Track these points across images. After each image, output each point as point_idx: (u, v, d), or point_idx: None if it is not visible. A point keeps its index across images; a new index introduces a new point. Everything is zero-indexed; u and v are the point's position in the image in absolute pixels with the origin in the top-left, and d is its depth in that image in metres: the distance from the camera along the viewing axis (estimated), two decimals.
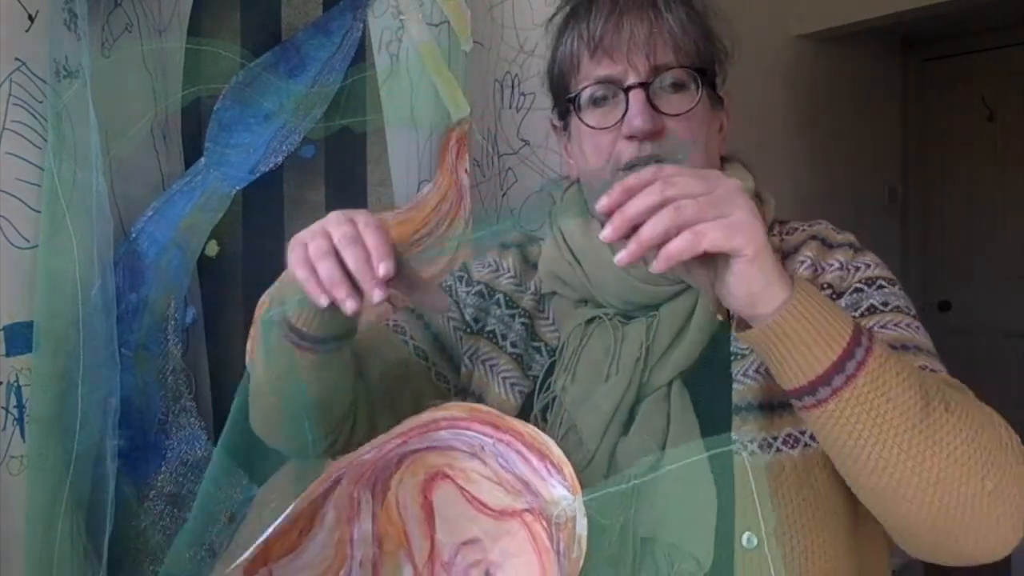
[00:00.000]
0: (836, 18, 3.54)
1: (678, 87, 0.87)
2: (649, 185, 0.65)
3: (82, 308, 1.09)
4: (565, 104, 0.92)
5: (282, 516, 0.71)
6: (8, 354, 1.06)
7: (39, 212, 1.08)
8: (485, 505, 0.73)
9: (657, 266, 0.65)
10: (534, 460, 0.72)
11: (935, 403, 0.68)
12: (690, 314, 0.86)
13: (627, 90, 0.85)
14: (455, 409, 0.73)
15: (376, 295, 0.69)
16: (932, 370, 0.79)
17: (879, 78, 4.15)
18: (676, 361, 0.84)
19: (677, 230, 0.64)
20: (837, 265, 0.87)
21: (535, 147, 1.54)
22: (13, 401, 1.06)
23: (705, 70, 0.89)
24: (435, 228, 1.35)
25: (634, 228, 0.65)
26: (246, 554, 0.72)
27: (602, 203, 0.66)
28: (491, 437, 0.72)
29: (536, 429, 0.72)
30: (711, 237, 0.64)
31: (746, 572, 0.74)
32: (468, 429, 0.73)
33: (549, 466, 0.71)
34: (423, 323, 0.97)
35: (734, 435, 0.78)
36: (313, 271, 0.71)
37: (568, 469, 0.70)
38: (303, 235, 0.74)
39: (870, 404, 0.66)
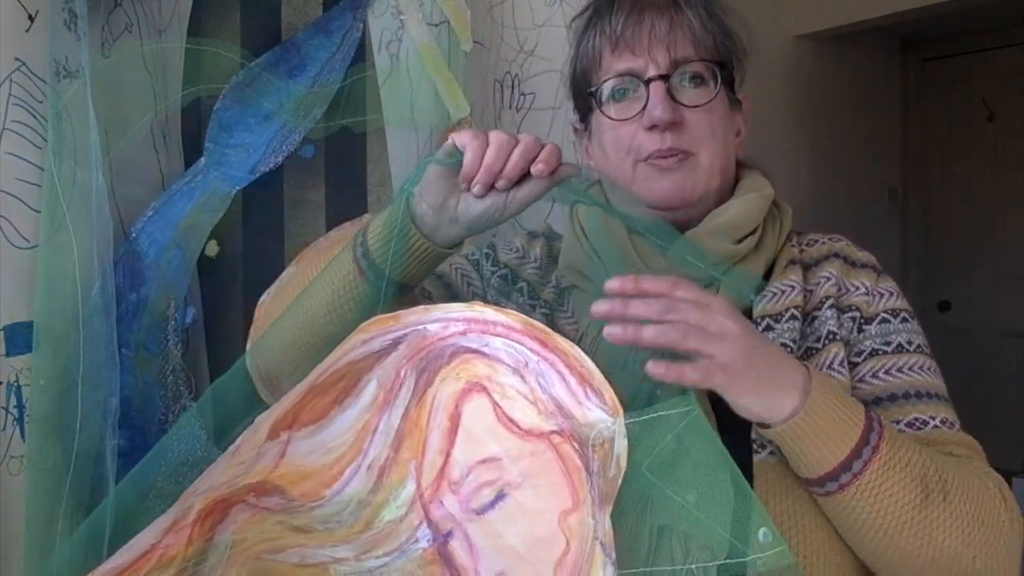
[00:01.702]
0: (836, 18, 3.54)
1: (698, 81, 0.89)
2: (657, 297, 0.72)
3: (82, 308, 1.09)
4: (586, 99, 0.94)
5: (336, 355, 0.74)
6: (8, 354, 1.06)
7: (39, 212, 1.08)
8: (514, 423, 0.72)
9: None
10: (573, 382, 0.72)
11: (934, 494, 0.75)
12: None
13: (647, 82, 0.88)
14: (513, 317, 0.74)
15: (536, 169, 0.76)
16: (945, 419, 0.84)
17: (879, 78, 4.15)
18: None
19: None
20: (863, 290, 0.90)
21: None
22: (13, 401, 1.06)
23: (724, 64, 0.91)
24: None
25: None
26: (288, 400, 0.73)
27: (612, 285, 0.73)
28: (537, 355, 0.73)
29: (581, 352, 0.73)
30: (715, 378, 0.72)
31: (761, 567, 0.76)
32: (519, 343, 0.73)
33: (589, 389, 0.72)
34: (444, 283, 0.98)
35: (754, 435, 0.80)
36: (484, 146, 0.76)
37: (609, 393, 0.71)
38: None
39: (873, 499, 0.74)
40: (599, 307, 0.72)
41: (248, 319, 1.27)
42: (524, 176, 0.77)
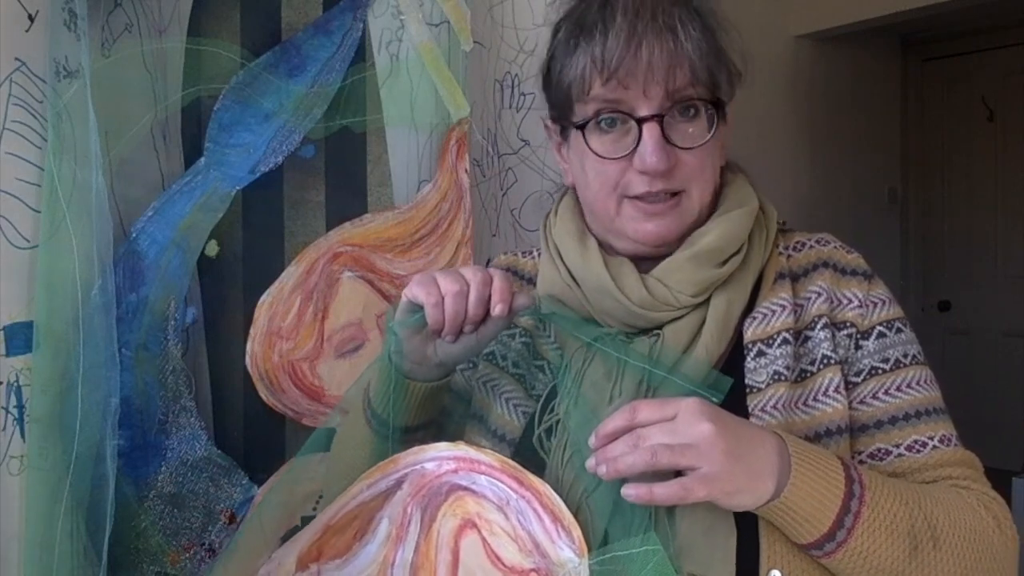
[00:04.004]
0: (836, 18, 3.55)
1: (692, 113, 0.85)
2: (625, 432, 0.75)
3: (82, 308, 1.09)
4: (569, 124, 0.89)
5: (345, 499, 0.82)
6: (8, 354, 1.06)
7: (39, 212, 1.08)
8: (500, 560, 0.78)
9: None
10: (547, 520, 0.78)
11: (923, 543, 0.76)
12: (696, 333, 0.85)
13: (640, 121, 0.83)
14: (492, 456, 0.82)
15: (496, 312, 0.81)
16: (944, 437, 0.85)
17: (879, 78, 4.15)
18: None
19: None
20: (856, 302, 0.88)
21: (535, 147, 1.54)
22: (13, 401, 1.06)
23: (721, 102, 0.86)
24: (435, 228, 1.36)
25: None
26: (306, 536, 0.81)
27: (591, 443, 0.76)
28: (516, 492, 0.80)
29: (552, 490, 0.79)
30: (697, 493, 0.72)
31: None
32: (500, 480, 0.80)
33: (560, 528, 0.77)
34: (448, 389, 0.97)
35: None
36: (440, 301, 0.81)
37: (577, 532, 0.76)
38: (432, 272, 0.84)
39: (862, 560, 0.75)
40: (589, 464, 0.76)
41: (248, 319, 1.28)
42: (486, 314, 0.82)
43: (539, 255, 0.98)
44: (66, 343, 1.08)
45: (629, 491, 0.73)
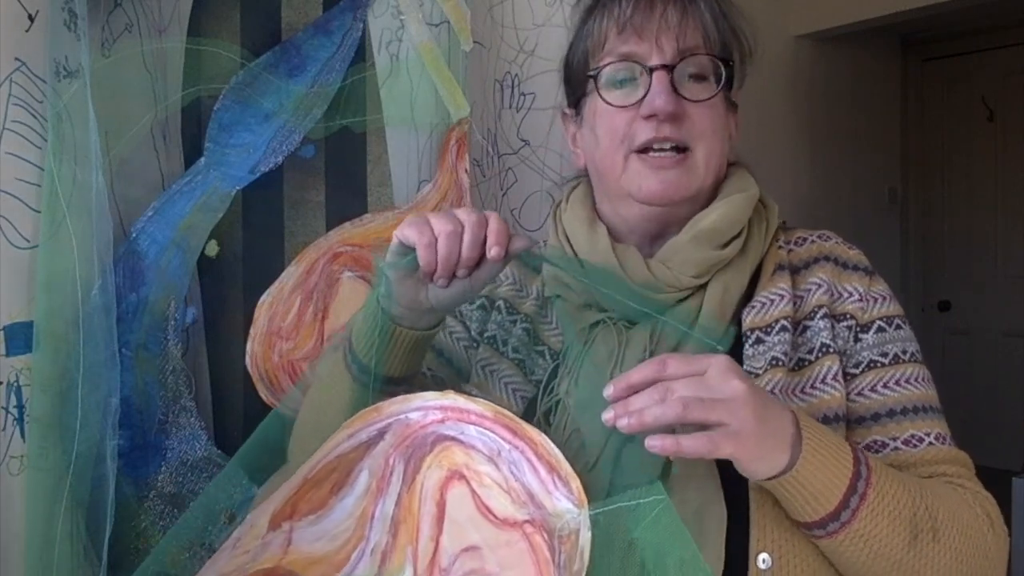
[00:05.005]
0: (836, 18, 3.55)
1: (700, 77, 0.88)
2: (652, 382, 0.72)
3: (82, 308, 1.09)
4: (582, 83, 0.92)
5: (325, 450, 0.78)
6: (8, 354, 1.06)
7: (39, 212, 1.08)
8: (491, 512, 0.75)
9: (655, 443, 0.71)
10: (543, 471, 0.75)
11: (923, 533, 0.76)
12: (695, 318, 0.86)
13: (651, 71, 0.86)
14: (484, 406, 0.78)
15: (492, 255, 0.77)
16: (939, 435, 0.85)
17: (879, 78, 4.15)
18: None
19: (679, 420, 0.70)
20: (856, 296, 0.89)
21: (535, 147, 1.54)
22: (13, 401, 1.06)
23: (729, 62, 0.89)
24: None
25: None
26: (282, 494, 0.77)
27: (607, 392, 0.74)
28: (508, 443, 0.76)
29: (549, 441, 0.76)
30: (724, 449, 0.71)
31: None
32: (491, 431, 0.77)
33: (556, 479, 0.75)
34: (435, 351, 0.97)
35: None
36: (433, 242, 0.77)
37: (576, 483, 0.74)
38: (425, 214, 0.80)
39: (863, 543, 0.75)
40: (606, 416, 0.73)
41: (248, 319, 1.28)
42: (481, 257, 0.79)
43: (544, 245, 0.99)
44: (66, 343, 1.08)
45: (655, 442, 0.70)
